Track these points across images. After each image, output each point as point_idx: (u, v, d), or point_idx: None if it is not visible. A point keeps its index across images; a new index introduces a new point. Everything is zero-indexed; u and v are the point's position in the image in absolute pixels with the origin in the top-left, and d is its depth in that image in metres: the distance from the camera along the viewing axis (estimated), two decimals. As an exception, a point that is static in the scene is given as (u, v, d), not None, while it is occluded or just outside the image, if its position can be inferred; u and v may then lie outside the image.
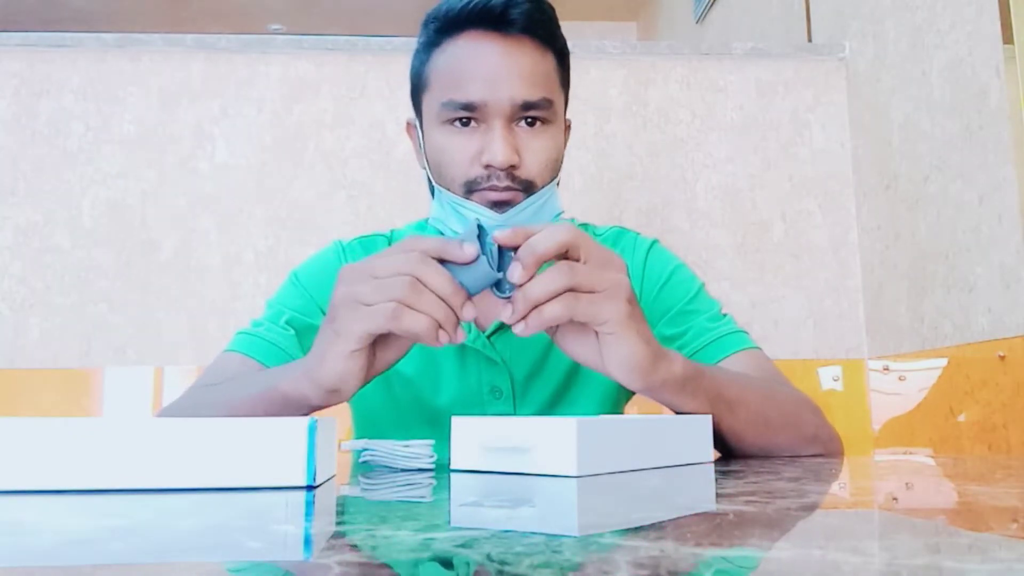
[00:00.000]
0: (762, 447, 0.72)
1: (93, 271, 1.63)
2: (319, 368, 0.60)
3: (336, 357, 0.59)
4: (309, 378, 0.61)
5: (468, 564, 0.25)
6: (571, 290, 0.56)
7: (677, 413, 0.68)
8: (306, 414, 0.65)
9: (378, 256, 0.59)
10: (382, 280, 0.56)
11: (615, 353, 0.60)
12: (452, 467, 0.56)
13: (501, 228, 0.59)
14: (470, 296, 0.58)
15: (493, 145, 0.74)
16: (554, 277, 0.56)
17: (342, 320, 0.58)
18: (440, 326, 0.56)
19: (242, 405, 0.66)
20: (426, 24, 0.80)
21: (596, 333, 0.60)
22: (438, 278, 0.56)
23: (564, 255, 0.58)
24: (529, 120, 0.76)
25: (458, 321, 0.57)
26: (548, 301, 0.56)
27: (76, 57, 1.70)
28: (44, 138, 1.67)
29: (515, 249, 0.57)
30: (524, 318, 0.57)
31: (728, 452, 0.74)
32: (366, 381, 0.62)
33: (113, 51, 1.71)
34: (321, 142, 1.72)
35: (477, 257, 0.57)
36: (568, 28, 0.81)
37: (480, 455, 0.55)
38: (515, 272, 0.56)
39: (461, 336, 0.57)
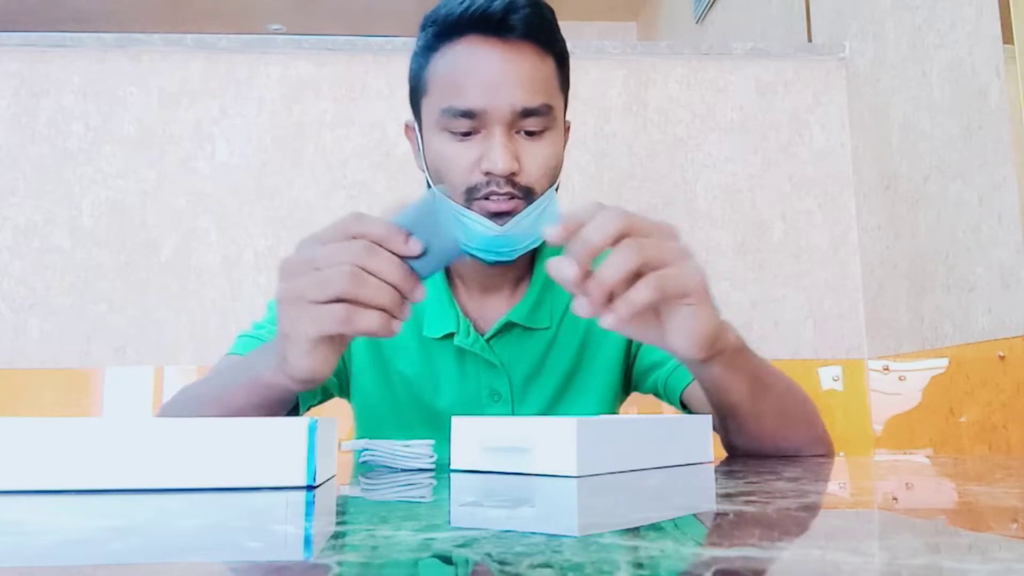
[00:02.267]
0: (776, 439, 0.71)
1: (93, 271, 1.63)
2: (287, 366, 0.58)
3: (297, 357, 0.57)
4: (282, 372, 0.60)
5: (468, 564, 0.25)
6: (644, 267, 0.53)
7: (712, 389, 0.67)
8: (289, 399, 0.65)
9: (318, 242, 0.55)
10: (324, 273, 0.54)
11: (687, 325, 0.57)
12: (452, 467, 0.56)
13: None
14: (422, 279, 0.55)
15: (493, 153, 0.73)
16: (626, 257, 0.52)
17: (290, 321, 0.56)
18: (392, 315, 0.54)
19: (230, 397, 0.66)
20: (424, 27, 0.79)
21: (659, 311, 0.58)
22: (384, 265, 0.53)
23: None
24: (529, 127, 0.76)
25: (405, 300, 0.55)
26: (628, 285, 0.53)
27: (76, 57, 1.70)
28: (44, 138, 1.67)
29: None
30: (601, 305, 0.53)
31: (731, 447, 0.74)
32: (339, 356, 0.61)
33: (113, 51, 1.71)
34: (321, 142, 1.72)
35: (422, 252, 0.54)
36: (568, 28, 0.81)
37: (480, 455, 0.55)
38: (565, 270, 0.53)
39: (407, 314, 0.55)
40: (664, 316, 0.58)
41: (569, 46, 0.82)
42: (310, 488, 0.44)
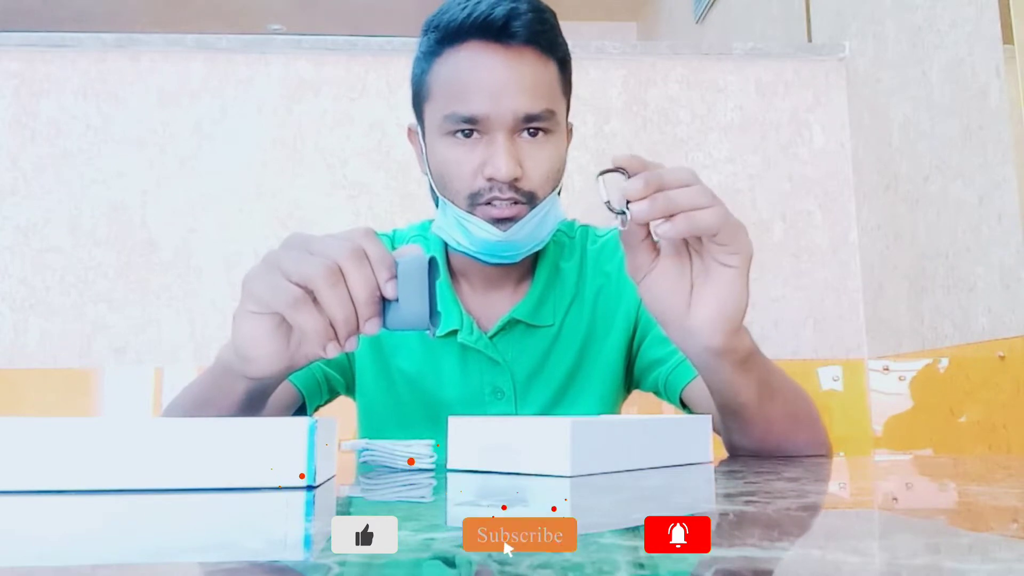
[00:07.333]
0: (780, 441, 0.71)
1: (93, 271, 1.63)
2: (233, 326, 0.59)
3: (241, 314, 0.57)
4: (232, 346, 0.60)
5: (468, 564, 0.25)
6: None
7: (722, 390, 0.67)
8: (245, 388, 0.64)
9: (328, 235, 0.56)
10: (309, 257, 0.54)
11: (721, 293, 0.60)
12: (449, 467, 0.56)
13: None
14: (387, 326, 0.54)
15: (496, 158, 0.74)
16: (700, 192, 0.56)
17: (255, 278, 0.56)
18: (335, 333, 0.54)
19: (203, 384, 0.67)
20: (426, 32, 0.79)
21: (691, 284, 0.60)
22: (359, 278, 0.53)
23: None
24: (531, 131, 0.76)
25: (357, 330, 0.54)
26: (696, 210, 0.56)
27: (76, 57, 1.70)
28: (44, 138, 1.67)
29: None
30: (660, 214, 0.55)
31: (733, 446, 0.74)
32: (288, 368, 0.60)
33: (113, 51, 1.71)
34: (321, 142, 1.72)
35: (395, 298, 0.54)
36: (568, 28, 0.81)
37: (476, 455, 0.55)
38: (636, 185, 0.54)
39: (351, 346, 0.55)
40: (702, 279, 0.60)
41: (569, 46, 0.82)
42: (310, 488, 0.44)
